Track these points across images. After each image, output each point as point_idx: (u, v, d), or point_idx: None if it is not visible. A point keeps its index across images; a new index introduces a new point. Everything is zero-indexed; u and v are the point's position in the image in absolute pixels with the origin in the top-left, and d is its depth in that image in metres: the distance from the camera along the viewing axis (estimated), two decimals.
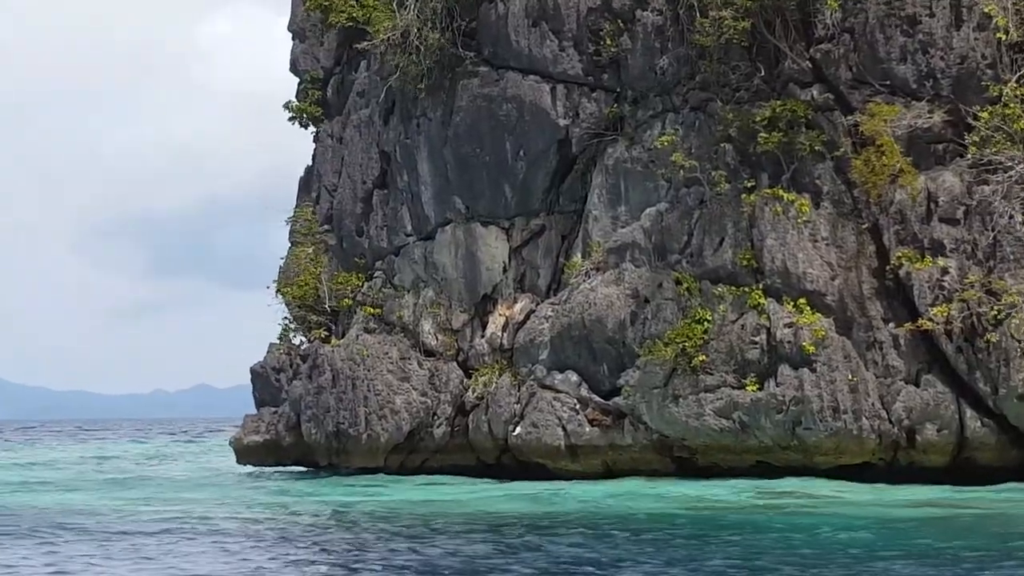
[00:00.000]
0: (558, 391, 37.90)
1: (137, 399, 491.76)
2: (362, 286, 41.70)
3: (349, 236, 42.39)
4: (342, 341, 40.62)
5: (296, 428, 41.40)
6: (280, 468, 45.15)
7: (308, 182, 48.31)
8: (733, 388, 35.46)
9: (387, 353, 40.17)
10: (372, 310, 41.06)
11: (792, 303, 35.28)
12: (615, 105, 38.47)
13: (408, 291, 40.92)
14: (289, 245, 48.99)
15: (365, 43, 41.76)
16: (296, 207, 48.59)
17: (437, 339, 40.35)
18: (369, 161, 42.17)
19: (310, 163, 48.93)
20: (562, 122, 38.68)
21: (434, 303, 40.38)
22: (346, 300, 41.65)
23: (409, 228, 41.23)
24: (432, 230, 40.79)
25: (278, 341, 46.95)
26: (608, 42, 38.26)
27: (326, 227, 45.34)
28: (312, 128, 50.13)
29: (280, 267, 49.34)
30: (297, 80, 49.85)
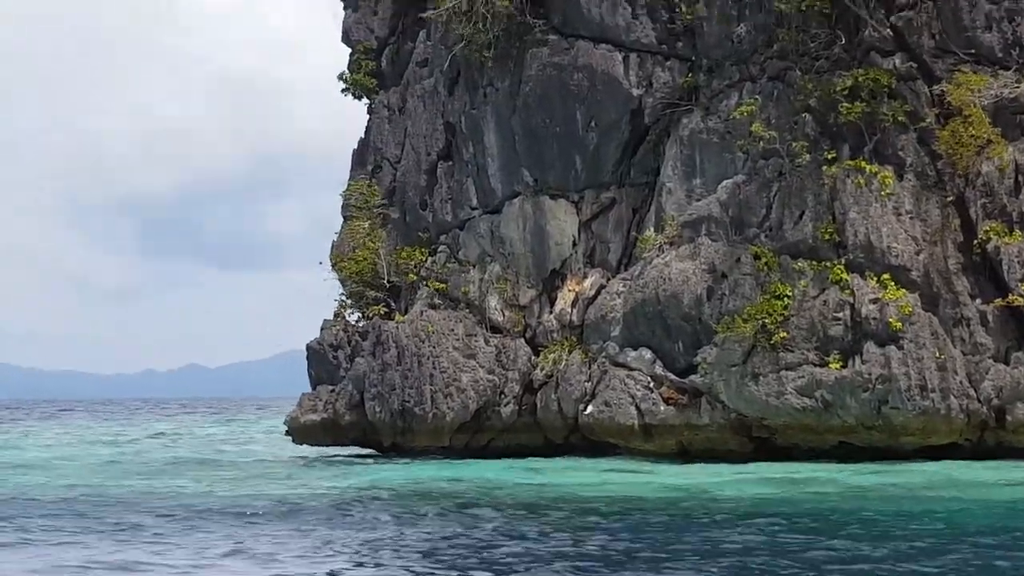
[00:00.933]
0: (631, 369, 37.13)
1: (128, 379, 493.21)
2: (426, 261, 40.88)
3: (412, 209, 41.58)
4: (407, 317, 39.83)
5: (359, 407, 40.62)
6: (339, 449, 44.31)
7: (362, 155, 47.47)
8: (815, 366, 34.68)
9: (452, 329, 39.41)
10: (437, 285, 40.29)
11: (875, 278, 34.47)
12: (689, 74, 37.66)
13: (474, 266, 40.13)
14: (342, 220, 48.32)
15: (430, 12, 40.83)
16: (350, 180, 47.83)
17: (504, 315, 39.59)
18: (433, 132, 41.34)
19: (363, 136, 48.22)
20: (635, 92, 37.87)
21: (501, 278, 39.59)
22: (410, 275, 40.84)
23: (475, 201, 40.42)
24: (499, 203, 39.99)
25: (332, 318, 46.25)
26: (683, 10, 37.44)
27: (384, 201, 44.54)
28: (365, 100, 49.75)
29: (333, 242, 48.63)
30: (349, 51, 49.17)
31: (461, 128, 40.63)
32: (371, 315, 42.87)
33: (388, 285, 42.89)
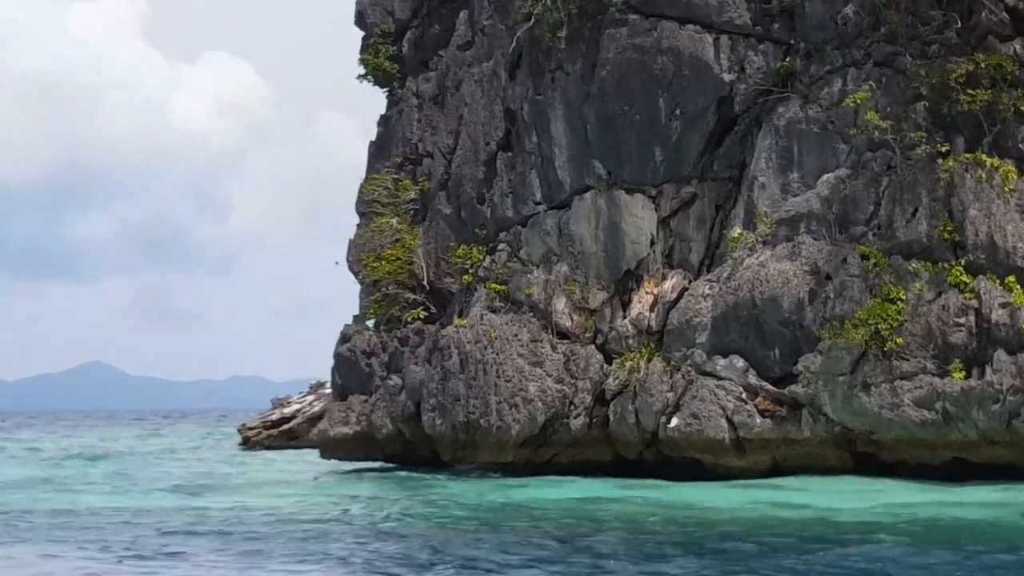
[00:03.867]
0: (720, 378, 34.85)
1: None
2: (483, 260, 38.18)
3: (469, 204, 38.95)
4: (466, 321, 37.11)
5: (413, 419, 37.87)
6: (369, 464, 41.59)
7: (383, 147, 44.92)
8: (933, 375, 32.55)
9: (516, 335, 36.88)
10: (496, 287, 37.66)
11: (999, 280, 32.36)
12: (786, 59, 35.51)
13: (538, 266, 37.60)
14: (359, 217, 45.69)
15: None
16: (368, 175, 45.18)
17: (572, 320, 37.09)
18: (492, 120, 38.76)
19: (380, 128, 45.64)
20: (726, 77, 35.62)
21: (568, 279, 37.09)
22: (466, 276, 38.12)
23: (539, 196, 37.88)
24: (566, 198, 37.48)
25: (352, 323, 43.64)
26: None
27: (414, 196, 41.99)
28: (379, 88, 47.23)
29: (350, 240, 46.00)
30: (363, 34, 46.67)
31: (523, 116, 38.09)
32: (410, 319, 40.21)
33: (428, 287, 40.26)
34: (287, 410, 69.39)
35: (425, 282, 40.34)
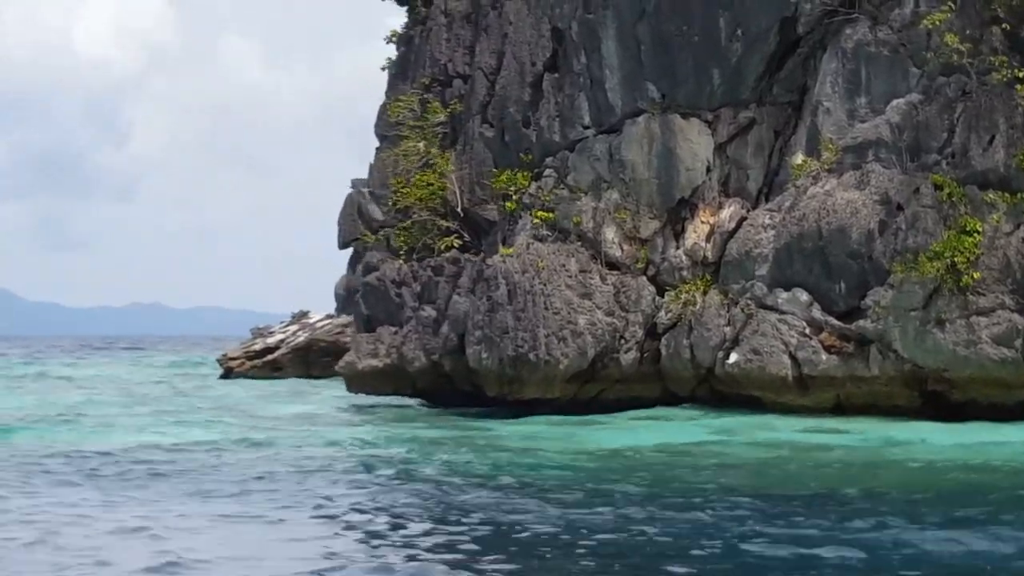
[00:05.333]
0: (782, 312, 33.71)
1: None
2: (529, 186, 36.72)
3: (513, 127, 37.44)
4: (512, 250, 35.73)
5: (456, 352, 36.52)
6: (401, 399, 40.33)
7: (405, 68, 43.41)
8: (1011, 311, 31.44)
9: (564, 265, 35.56)
10: (543, 215, 36.23)
11: None
12: None
13: (586, 193, 36.22)
14: (380, 141, 44.25)
15: None
16: (389, 97, 43.69)
17: (622, 250, 35.80)
18: (539, 40, 37.19)
19: (401, 48, 44.15)
20: None
21: (619, 207, 35.76)
22: (509, 203, 36.69)
23: (587, 119, 36.45)
24: (617, 122, 36.09)
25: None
26: None
27: (440, 119, 40.57)
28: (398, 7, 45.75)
29: (371, 165, 44.58)
30: None
31: (571, 36, 36.61)
32: (444, 247, 38.84)
33: (462, 214, 38.86)
34: (270, 340, 68.01)
35: (459, 209, 38.90)
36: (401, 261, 40.09)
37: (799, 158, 34.43)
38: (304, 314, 69.49)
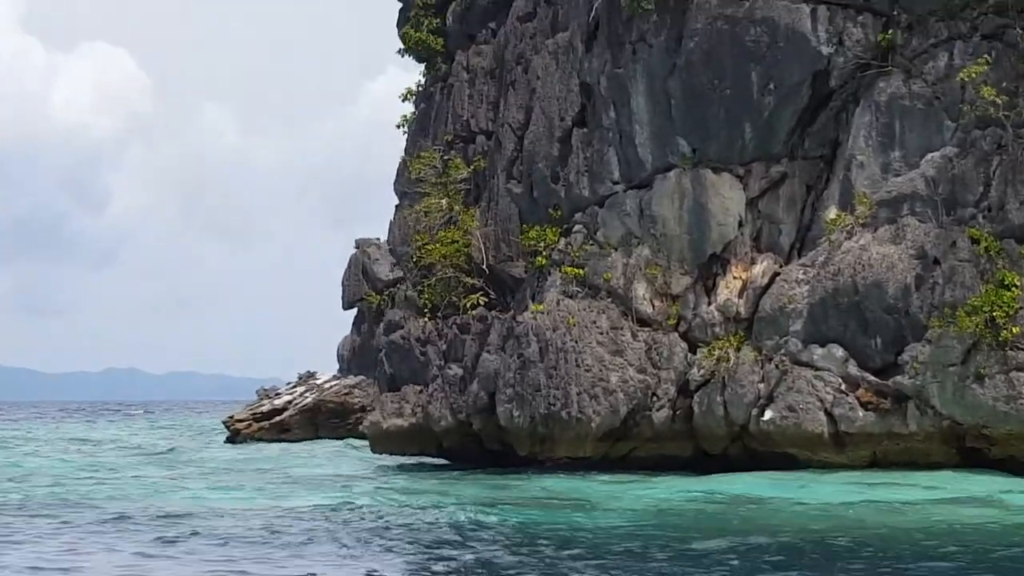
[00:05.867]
0: (818, 368, 33.45)
1: None
2: (558, 242, 36.48)
3: (542, 183, 37.21)
4: (543, 307, 35.46)
5: (486, 411, 36.19)
6: (426, 460, 39.95)
7: (425, 125, 43.31)
8: None
9: (595, 322, 35.32)
10: (572, 270, 35.99)
11: None
12: (887, 31, 33.94)
13: (616, 249, 36.01)
14: (399, 198, 44.16)
15: None
16: (408, 154, 43.59)
17: (653, 306, 35.54)
18: (568, 95, 36.98)
19: (421, 103, 44.10)
20: (824, 50, 34.15)
21: (650, 263, 35.52)
22: (540, 259, 36.45)
23: (617, 175, 36.27)
24: (647, 177, 35.89)
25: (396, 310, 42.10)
26: None
27: (466, 176, 40.45)
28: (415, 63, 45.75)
29: (391, 223, 44.49)
30: (400, 6, 45.17)
31: (600, 90, 36.43)
32: (469, 305, 38.61)
33: (487, 271, 38.63)
34: (277, 401, 67.40)
35: (484, 266, 38.68)
36: (425, 319, 39.83)
37: (832, 212, 34.25)
38: (311, 375, 69.11)
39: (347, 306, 79.51)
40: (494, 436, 36.68)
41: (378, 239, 77.08)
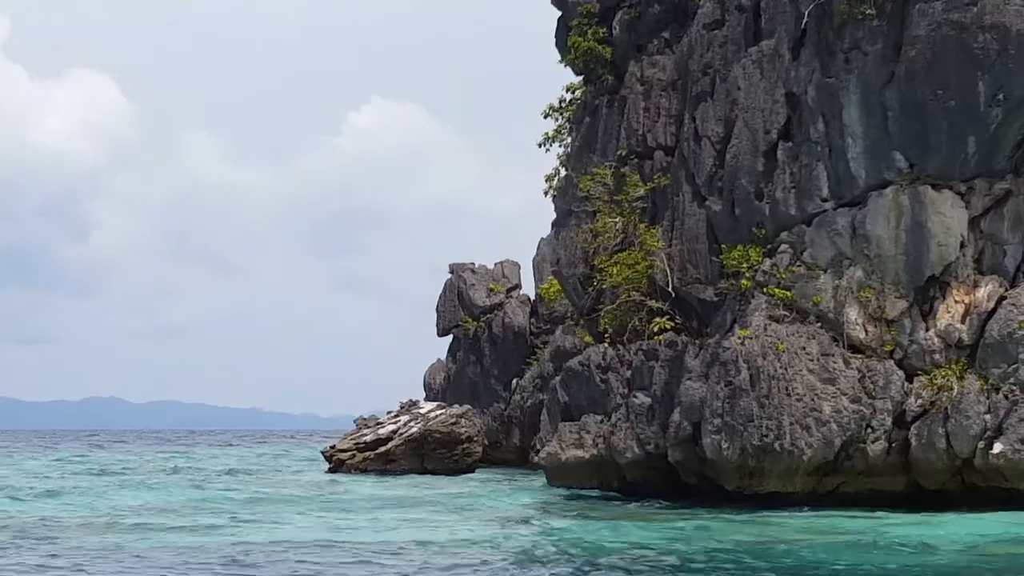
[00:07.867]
0: None
1: None
2: (761, 263, 34.73)
3: (745, 200, 35.39)
4: (748, 332, 33.70)
5: (689, 442, 34.40)
6: (606, 493, 38.15)
7: (590, 140, 41.64)
8: None
9: (804, 348, 33.60)
10: (779, 293, 34.23)
11: None
12: None
13: (826, 270, 34.29)
14: (561, 216, 42.58)
15: None
16: (574, 171, 41.97)
17: (866, 331, 33.82)
18: (773, 106, 35.21)
19: (587, 117, 42.43)
20: None
21: (863, 286, 33.76)
22: (745, 280, 34.67)
23: (826, 191, 34.53)
24: (860, 194, 34.19)
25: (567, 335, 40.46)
26: None
27: (639, 194, 38.83)
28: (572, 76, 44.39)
29: (545, 240, 42.85)
30: (559, 14, 43.65)
31: (808, 101, 34.67)
32: (656, 330, 36.88)
33: (673, 294, 36.91)
34: (381, 431, 65.45)
35: (670, 288, 36.94)
36: (606, 345, 38.13)
37: None
38: (414, 403, 67.44)
39: (442, 333, 78.09)
40: (694, 469, 34.90)
41: (473, 263, 75.91)
